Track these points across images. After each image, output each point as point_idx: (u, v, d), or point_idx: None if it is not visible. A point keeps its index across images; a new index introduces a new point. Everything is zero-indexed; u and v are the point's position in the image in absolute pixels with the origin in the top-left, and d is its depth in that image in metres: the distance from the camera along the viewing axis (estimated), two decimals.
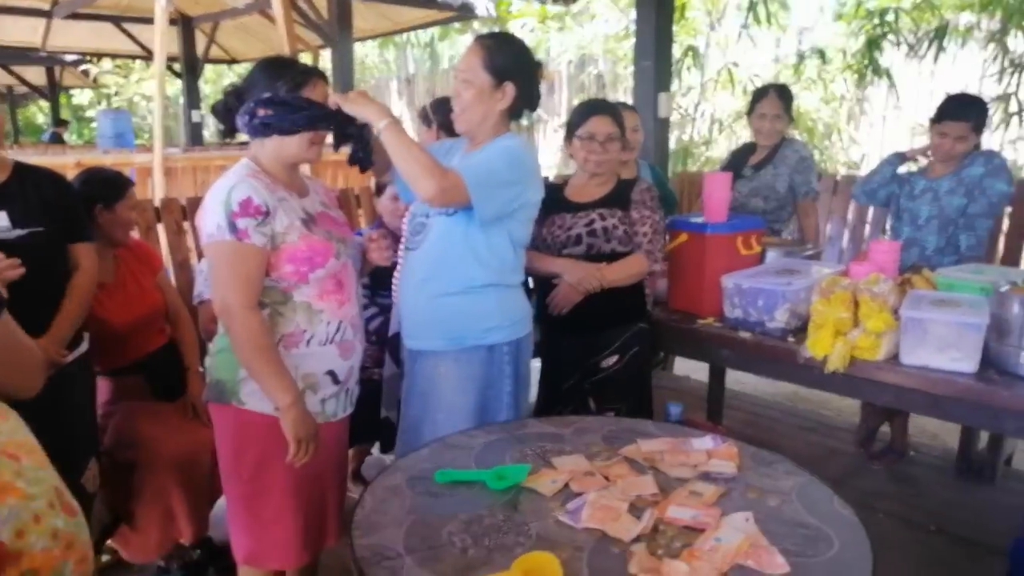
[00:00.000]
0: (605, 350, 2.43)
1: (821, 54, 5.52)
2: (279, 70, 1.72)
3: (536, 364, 2.57)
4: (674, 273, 2.73)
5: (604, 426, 1.82)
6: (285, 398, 1.65)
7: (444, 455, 1.66)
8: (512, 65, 1.96)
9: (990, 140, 4.97)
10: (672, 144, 6.46)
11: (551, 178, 2.89)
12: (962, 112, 2.86)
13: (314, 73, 1.76)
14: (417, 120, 3.28)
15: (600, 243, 2.38)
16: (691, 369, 4.27)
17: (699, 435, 1.71)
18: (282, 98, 1.67)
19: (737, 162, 3.47)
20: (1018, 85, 4.56)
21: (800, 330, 2.31)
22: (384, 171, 2.04)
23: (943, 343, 2.02)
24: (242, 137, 1.81)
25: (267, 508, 1.77)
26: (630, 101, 4.24)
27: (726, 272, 2.51)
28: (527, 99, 2.01)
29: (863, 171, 5.65)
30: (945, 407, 2.05)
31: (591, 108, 2.49)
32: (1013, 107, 4.58)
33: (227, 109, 1.74)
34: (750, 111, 3.38)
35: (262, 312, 1.68)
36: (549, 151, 8.54)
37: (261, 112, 1.67)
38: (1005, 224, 3.32)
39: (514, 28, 8.58)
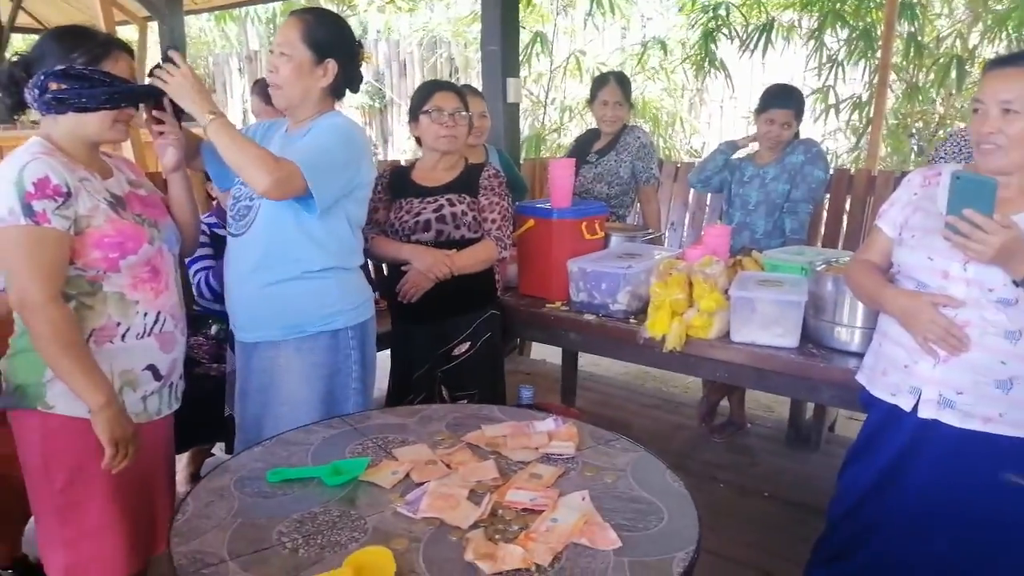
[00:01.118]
0: (456, 337, 2.41)
1: (662, 45, 5.77)
2: (75, 40, 1.55)
3: (386, 354, 2.52)
4: (523, 259, 2.75)
5: (450, 414, 1.80)
6: (97, 398, 1.51)
7: (278, 453, 1.57)
8: (334, 41, 1.89)
9: (812, 130, 5.38)
10: (525, 131, 6.55)
11: (403, 162, 2.82)
12: (785, 100, 3.06)
13: (116, 45, 1.61)
14: (255, 97, 3.11)
15: (449, 229, 2.35)
16: (547, 353, 4.35)
17: (542, 418, 1.72)
18: (78, 71, 1.51)
19: (582, 149, 3.54)
20: (835, 79, 4.97)
21: (641, 312, 2.39)
22: (193, 156, 1.91)
23: (768, 320, 2.15)
24: (35, 115, 1.62)
25: (86, 519, 1.61)
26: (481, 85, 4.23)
27: (572, 257, 2.55)
28: (349, 79, 1.95)
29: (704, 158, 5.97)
30: (770, 380, 2.19)
31: (434, 84, 2.46)
32: (831, 100, 4.99)
33: (13, 81, 1.55)
34: (592, 99, 3.46)
35: (67, 305, 1.52)
36: (402, 135, 8.42)
37: (54, 86, 1.50)
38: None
39: (362, 6, 8.39)
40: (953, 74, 4.47)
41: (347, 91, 2.00)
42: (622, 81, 3.43)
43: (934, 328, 1.58)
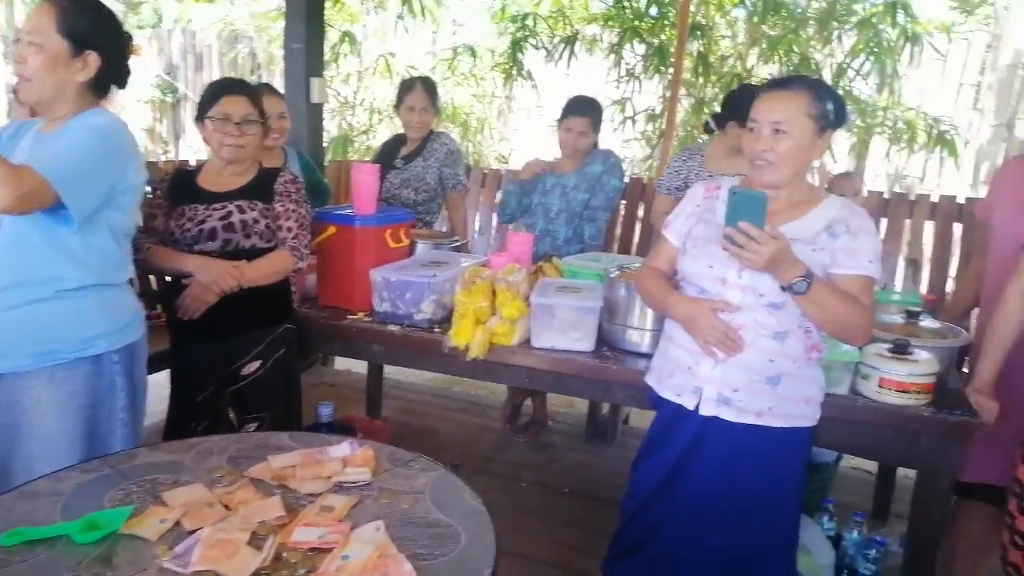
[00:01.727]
0: (246, 355, 2.24)
1: (472, 51, 5.81)
2: None
3: (165, 376, 2.30)
4: (323, 268, 2.62)
5: (233, 445, 1.64)
6: None
7: (20, 508, 1.34)
8: (95, 31, 1.69)
9: (611, 139, 5.65)
10: (333, 131, 6.34)
11: (192, 163, 2.58)
12: (582, 110, 3.16)
13: None
14: (10, 96, 2.74)
15: (239, 238, 2.18)
16: (352, 362, 4.22)
17: (337, 441, 1.63)
18: None
19: (388, 154, 3.47)
20: (633, 92, 5.25)
21: (446, 321, 2.36)
22: None
23: (566, 325, 2.19)
24: None
25: None
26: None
27: (376, 265, 2.47)
28: (115, 73, 1.75)
29: (511, 164, 6.08)
30: (569, 384, 2.23)
31: (224, 87, 2.25)
32: (629, 111, 5.26)
33: None
34: (398, 104, 3.39)
35: None
36: (194, 134, 7.84)
37: None
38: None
39: None
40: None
41: (114, 87, 1.80)
42: (429, 86, 3.38)
43: (713, 332, 1.68)
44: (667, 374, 1.83)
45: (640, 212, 3.71)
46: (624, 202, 3.65)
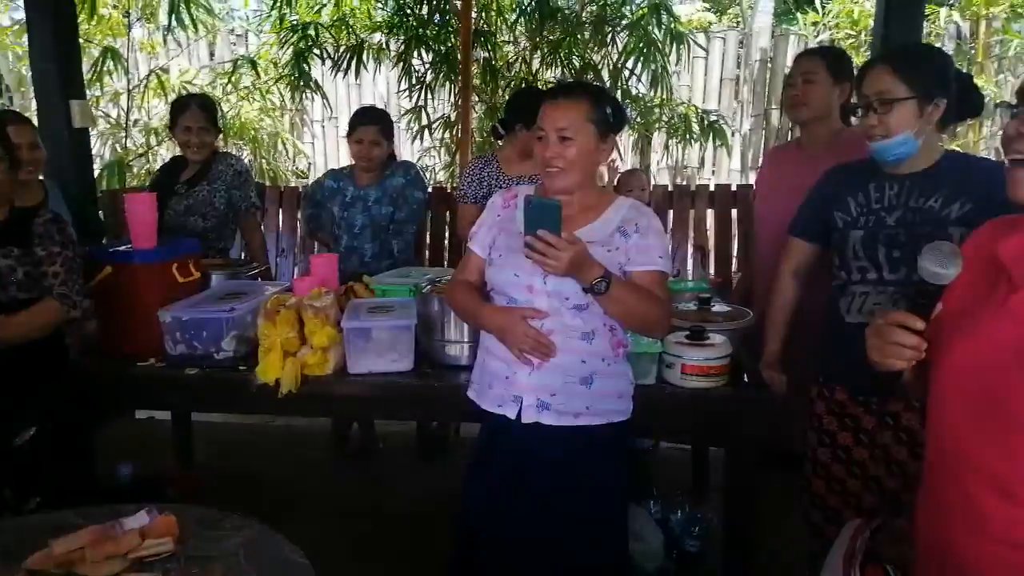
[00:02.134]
0: (16, 424, 1.95)
1: (253, 64, 5.52)
2: None
3: None
4: (103, 313, 2.35)
5: (3, 536, 1.42)
6: None
7: None
8: None
9: (409, 150, 5.62)
10: (106, 156, 5.77)
11: None
12: (366, 119, 3.11)
13: None
14: None
15: None
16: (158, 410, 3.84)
17: (132, 511, 1.45)
18: None
19: (167, 179, 3.20)
20: (425, 100, 5.24)
21: (251, 356, 2.20)
22: None
23: (382, 347, 2.13)
24: None
25: None
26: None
27: (164, 304, 2.25)
28: None
29: (311, 179, 5.85)
30: (392, 407, 2.18)
31: None
32: (424, 120, 5.25)
33: None
34: (172, 125, 3.13)
35: None
36: None
37: None
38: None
39: None
40: None
41: None
42: (205, 105, 3.16)
43: (526, 340, 1.70)
44: (487, 386, 1.83)
45: (447, 222, 3.70)
46: (430, 213, 3.63)
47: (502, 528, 1.81)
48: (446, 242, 3.71)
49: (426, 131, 5.31)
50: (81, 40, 4.01)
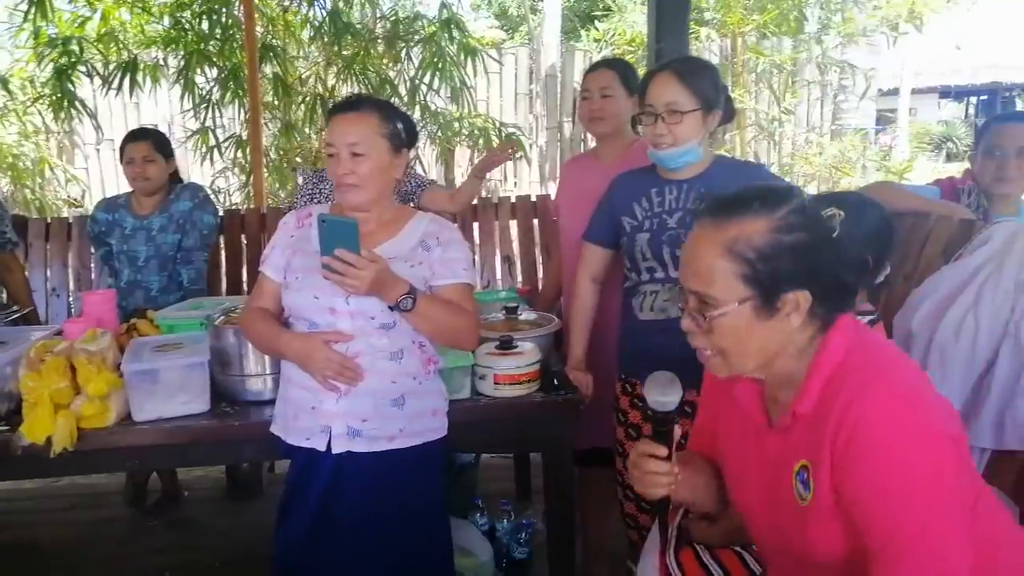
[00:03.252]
0: None
1: (3, 83, 4.90)
2: None
3: None
4: None
5: None
6: None
7: None
8: None
9: (200, 172, 5.26)
10: None
11: None
12: (136, 136, 2.91)
13: None
14: None
15: None
16: None
17: None
18: None
19: None
20: (214, 119, 4.93)
21: (15, 414, 1.92)
22: None
23: (172, 389, 1.94)
24: None
25: None
26: None
27: None
28: None
29: (87, 209, 5.29)
30: (190, 454, 1.99)
31: None
32: (212, 140, 4.93)
33: None
34: None
35: None
36: None
37: None
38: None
39: None
40: (319, 111, 4.86)
41: None
42: None
43: (330, 365, 1.62)
44: (291, 418, 1.73)
45: (244, 245, 3.48)
46: (223, 237, 3.39)
47: (323, 564, 1.72)
48: (244, 268, 3.49)
49: (216, 152, 4.99)
50: None
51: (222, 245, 3.40)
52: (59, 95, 4.60)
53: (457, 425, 1.84)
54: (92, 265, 3.46)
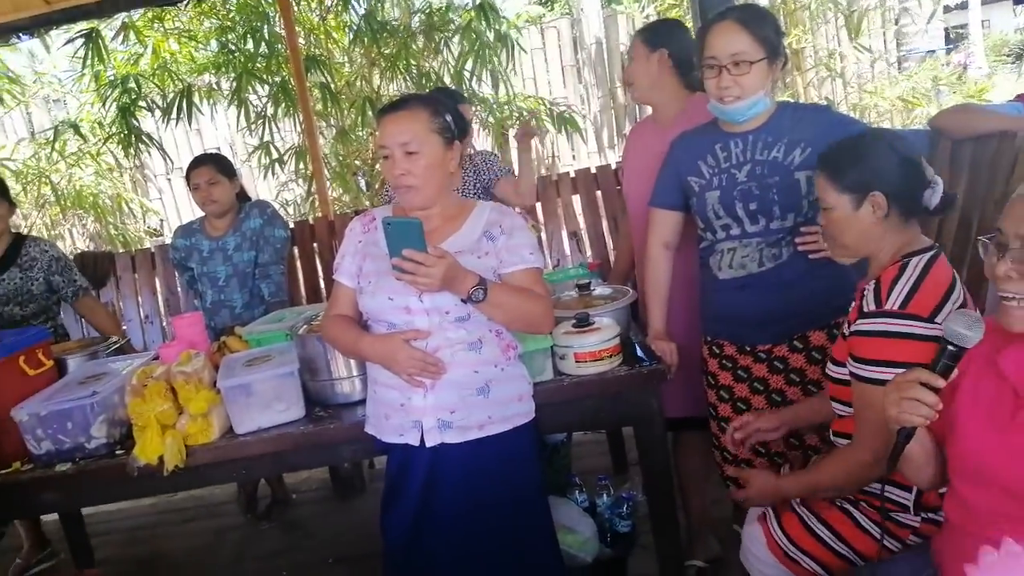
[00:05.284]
0: None
1: (75, 127, 5.15)
2: None
3: None
4: None
5: None
6: None
7: None
8: None
9: (265, 187, 5.42)
10: None
11: None
12: (200, 161, 3.01)
13: None
14: None
15: None
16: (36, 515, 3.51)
17: None
18: None
19: None
20: (271, 134, 5.06)
21: (128, 438, 2.03)
22: None
23: (267, 399, 2.00)
24: None
25: None
26: None
27: (18, 403, 2.04)
28: None
29: (167, 238, 5.53)
30: (291, 460, 2.06)
31: None
32: (274, 154, 5.06)
33: None
34: None
35: None
36: None
37: None
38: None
39: None
40: (369, 113, 4.93)
41: None
42: None
43: (412, 362, 1.65)
44: (383, 417, 1.77)
45: (317, 254, 3.57)
46: (296, 248, 3.49)
47: (429, 556, 1.76)
48: (320, 276, 3.58)
49: (278, 165, 5.12)
50: None
51: (296, 256, 3.51)
52: (126, 132, 4.80)
53: (544, 407, 1.84)
54: (179, 290, 3.62)
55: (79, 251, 4.41)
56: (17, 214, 3.29)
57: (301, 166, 5.23)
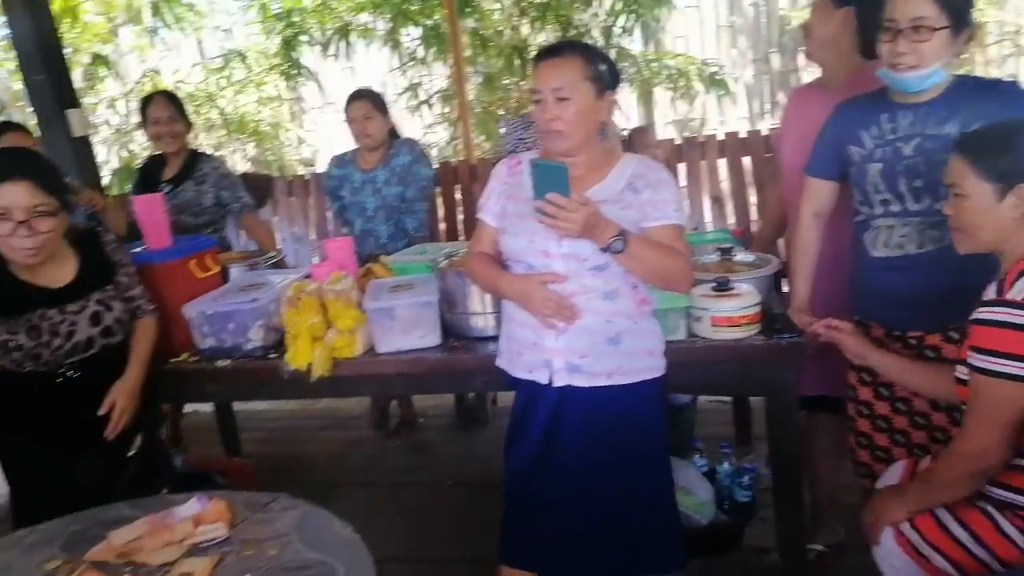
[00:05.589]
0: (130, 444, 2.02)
1: (242, 56, 5.48)
2: None
3: None
4: None
5: (66, 529, 1.45)
6: None
7: None
8: None
9: (412, 126, 5.58)
10: (115, 162, 5.77)
11: None
12: (357, 95, 3.13)
13: None
14: None
15: (116, 339, 2.00)
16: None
17: (183, 500, 1.47)
18: None
19: (149, 177, 3.19)
20: (421, 76, 5.20)
21: (280, 344, 2.21)
22: None
23: (407, 325, 2.12)
24: None
25: None
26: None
27: (188, 301, 2.26)
28: None
29: (319, 167, 5.84)
30: (424, 383, 2.18)
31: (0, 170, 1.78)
32: (421, 95, 5.21)
33: None
34: (143, 120, 3.14)
35: None
36: None
37: None
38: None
39: None
40: (516, 61, 4.96)
41: None
42: (172, 97, 3.17)
43: (548, 304, 1.68)
44: (515, 353, 1.83)
45: (458, 195, 3.68)
46: (439, 188, 3.61)
47: (548, 492, 1.82)
48: (460, 216, 3.69)
49: (425, 107, 5.27)
50: (69, 48, 4.00)
51: (438, 195, 3.63)
52: (288, 64, 5.07)
53: (673, 366, 1.84)
54: (329, 217, 3.85)
55: (242, 172, 4.73)
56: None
57: (446, 109, 5.35)
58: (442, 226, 3.68)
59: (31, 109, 3.51)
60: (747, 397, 2.99)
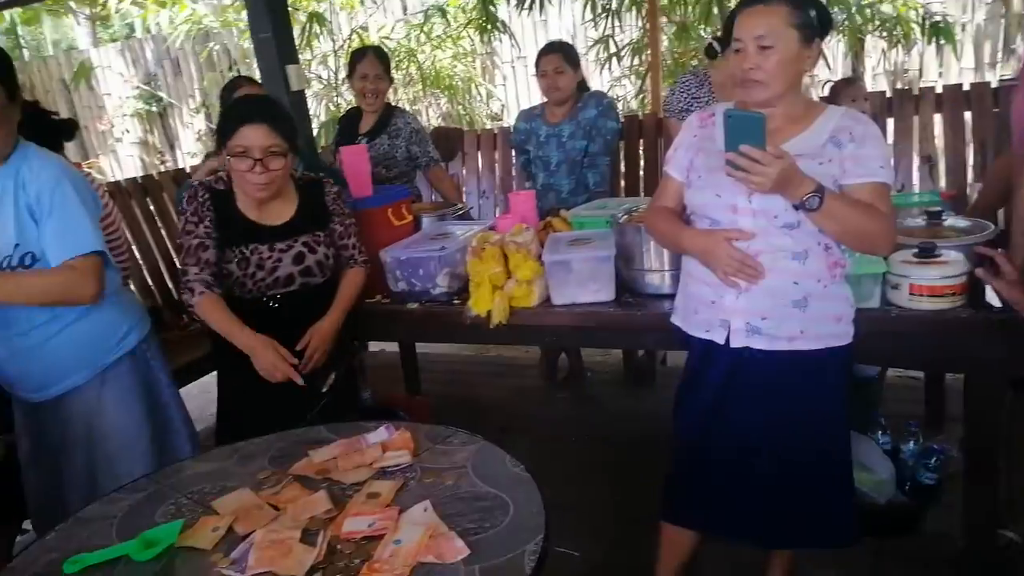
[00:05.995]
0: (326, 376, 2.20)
1: (442, 12, 5.68)
2: None
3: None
4: None
5: (273, 445, 1.65)
6: None
7: (77, 535, 1.37)
8: None
9: (598, 80, 5.53)
10: (323, 115, 6.24)
11: (214, 180, 2.16)
12: (550, 48, 3.14)
13: None
14: None
15: (316, 280, 2.19)
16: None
17: (374, 428, 1.62)
18: None
19: (347, 129, 3.41)
20: (612, 28, 5.11)
21: (463, 291, 2.34)
22: None
23: (583, 278, 2.16)
24: None
25: None
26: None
27: (384, 246, 2.45)
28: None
29: (506, 122, 5.98)
30: (596, 337, 2.22)
31: (242, 112, 2.03)
32: (612, 48, 5.13)
33: None
34: (350, 74, 3.33)
35: None
36: (188, 140, 7.78)
37: None
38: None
39: (113, 5, 7.60)
40: (715, 10, 4.72)
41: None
42: (381, 54, 3.34)
43: (731, 262, 1.64)
44: (692, 311, 1.81)
45: (641, 150, 3.63)
46: (623, 143, 3.57)
47: (717, 454, 1.80)
48: (641, 172, 3.64)
49: (615, 59, 5.19)
50: (289, 8, 4.34)
51: (621, 148, 3.60)
52: (483, 19, 5.18)
53: (863, 335, 1.74)
54: (514, 170, 3.94)
55: (434, 127, 4.95)
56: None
57: (636, 62, 5.24)
58: (623, 182, 3.64)
59: (255, 65, 3.86)
60: (942, 374, 2.77)
